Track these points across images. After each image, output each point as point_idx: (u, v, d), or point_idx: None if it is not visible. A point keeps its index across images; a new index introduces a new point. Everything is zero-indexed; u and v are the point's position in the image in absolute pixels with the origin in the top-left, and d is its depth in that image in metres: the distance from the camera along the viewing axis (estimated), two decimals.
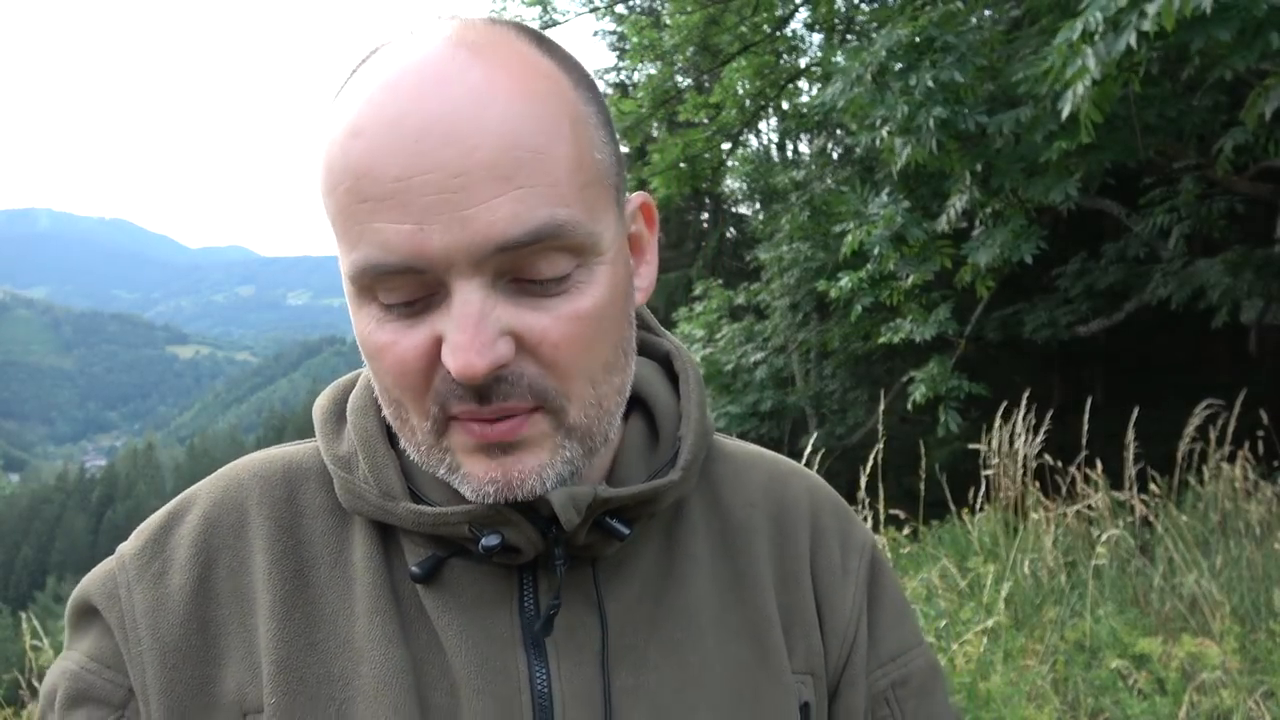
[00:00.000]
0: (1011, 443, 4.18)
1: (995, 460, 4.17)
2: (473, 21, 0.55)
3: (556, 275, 0.52)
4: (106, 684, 0.59)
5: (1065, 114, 3.71)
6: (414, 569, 0.59)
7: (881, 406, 4.66)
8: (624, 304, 0.57)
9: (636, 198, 0.62)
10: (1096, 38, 3.39)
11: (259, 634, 0.59)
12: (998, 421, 4.26)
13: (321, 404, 0.66)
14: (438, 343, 0.52)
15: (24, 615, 3.39)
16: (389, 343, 0.53)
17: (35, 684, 3.21)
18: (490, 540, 0.56)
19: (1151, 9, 3.04)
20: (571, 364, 0.53)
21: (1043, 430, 4.18)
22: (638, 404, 0.66)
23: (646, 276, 0.63)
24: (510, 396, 0.52)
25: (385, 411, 0.58)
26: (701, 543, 0.65)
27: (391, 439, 0.62)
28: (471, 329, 0.50)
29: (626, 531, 0.58)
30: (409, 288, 0.52)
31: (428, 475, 0.59)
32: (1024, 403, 4.20)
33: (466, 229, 0.49)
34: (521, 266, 0.51)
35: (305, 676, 0.58)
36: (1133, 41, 3.18)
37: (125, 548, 0.64)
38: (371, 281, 0.53)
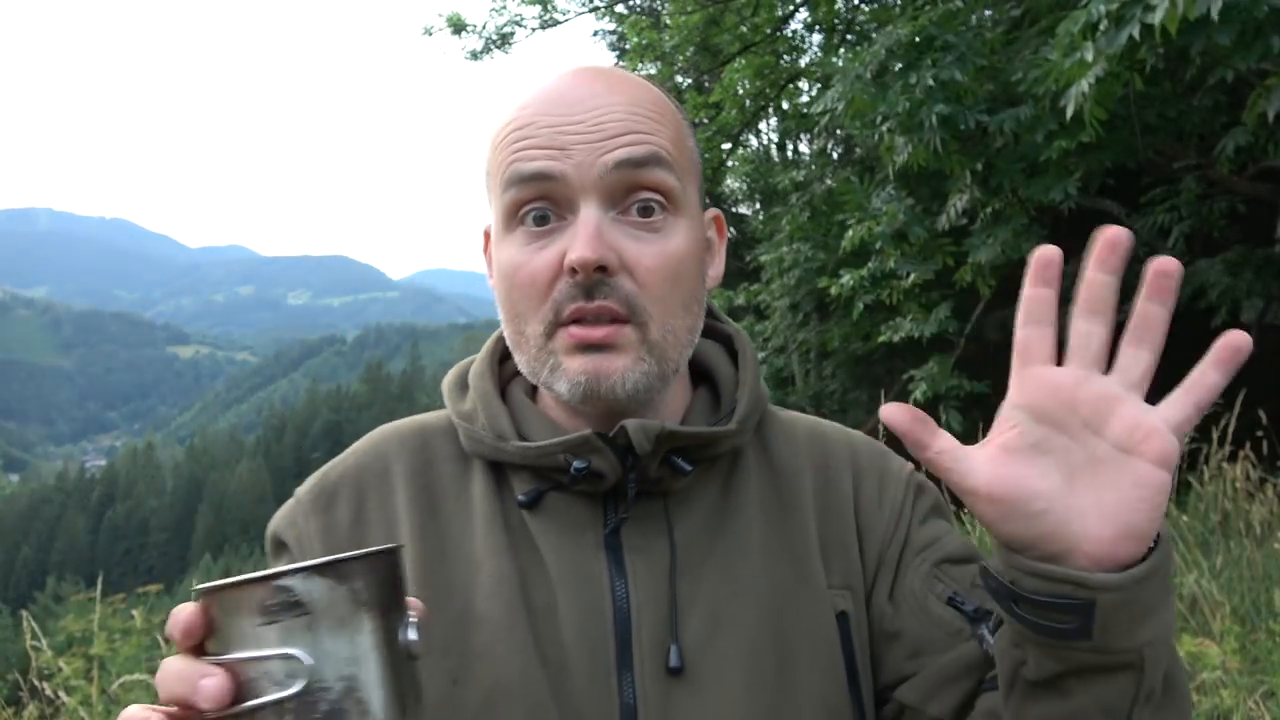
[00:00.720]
0: None
1: None
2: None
3: (652, 207, 0.71)
4: None
5: (1070, 113, 3.71)
6: (521, 497, 0.75)
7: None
8: (698, 266, 0.76)
9: (712, 211, 0.82)
10: (1099, 32, 3.38)
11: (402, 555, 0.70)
12: (989, 422, 4.26)
13: (448, 378, 0.85)
14: (561, 259, 0.70)
15: (23, 616, 3.39)
16: (524, 261, 0.72)
17: (35, 684, 3.21)
18: (580, 464, 0.72)
19: (1159, 7, 3.03)
20: (657, 288, 0.71)
21: None
22: (704, 378, 0.84)
23: (716, 268, 0.82)
24: (609, 298, 0.69)
25: (506, 334, 0.78)
26: (754, 486, 0.79)
27: (503, 397, 0.81)
28: (588, 233, 0.68)
29: (689, 468, 0.73)
30: (546, 206, 0.71)
31: (531, 421, 0.78)
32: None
33: (595, 156, 0.69)
34: (629, 198, 0.71)
35: (438, 580, 0.73)
36: (1136, 34, 3.18)
37: (300, 490, 0.83)
38: (517, 198, 0.71)
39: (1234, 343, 0.59)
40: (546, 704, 0.68)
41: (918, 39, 4.99)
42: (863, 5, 8.76)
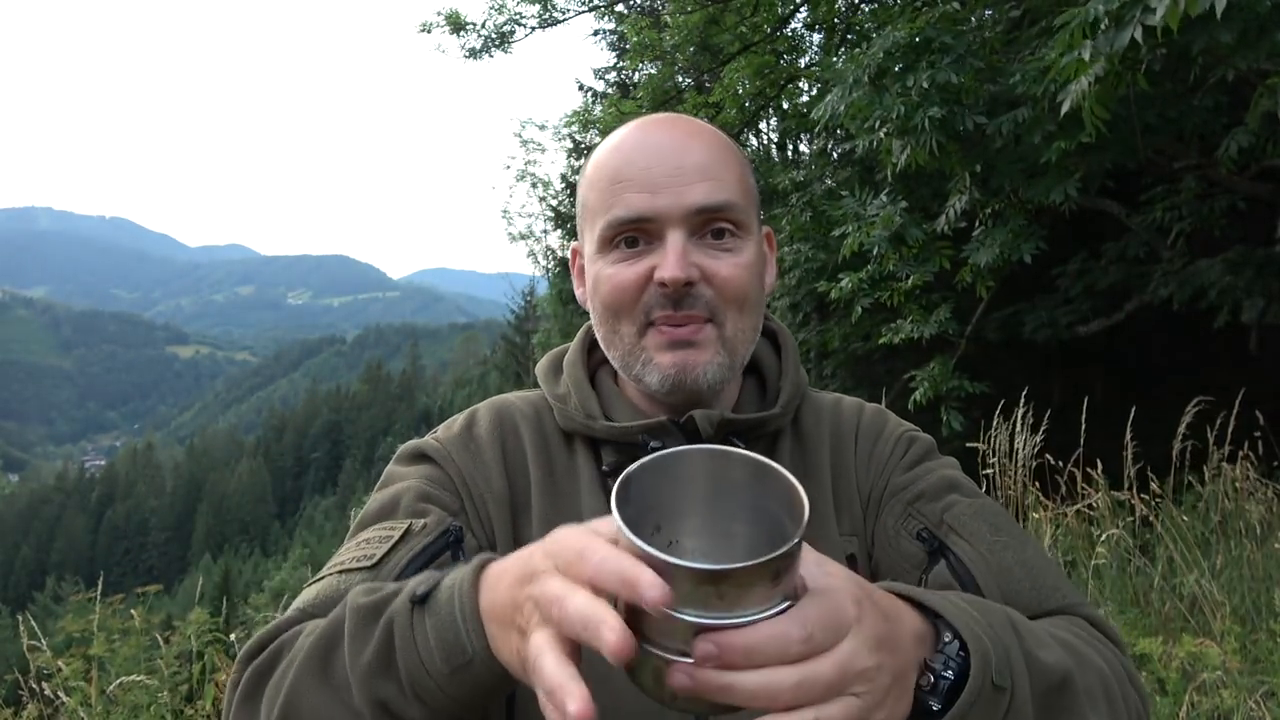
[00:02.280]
0: (1011, 442, 4.17)
1: (993, 460, 4.16)
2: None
3: (724, 231, 0.88)
4: (447, 495, 0.91)
5: (1065, 109, 3.70)
6: (605, 467, 0.93)
7: (883, 405, 4.66)
8: (761, 275, 0.93)
9: (766, 228, 0.99)
10: (1100, 30, 3.37)
11: (532, 496, 0.92)
12: (995, 421, 4.25)
13: (542, 364, 1.03)
14: (650, 274, 0.87)
15: (22, 617, 3.38)
16: (617, 273, 0.88)
17: (34, 685, 3.21)
18: (656, 444, 0.88)
19: (1159, 8, 3.03)
20: (732, 294, 0.88)
21: (1041, 430, 4.17)
22: (753, 368, 1.01)
23: (771, 276, 0.99)
24: (693, 307, 0.87)
25: (599, 333, 0.94)
26: (787, 454, 0.96)
27: (592, 382, 0.98)
28: (676, 255, 0.85)
29: (744, 446, 0.85)
30: (637, 233, 0.87)
31: (616, 404, 0.96)
32: (1022, 402, 4.19)
33: (681, 198, 0.86)
34: (707, 228, 0.88)
35: (556, 525, 0.77)
36: (1138, 35, 3.17)
37: (440, 435, 0.97)
38: (616, 231, 0.88)
39: None
40: None
41: (917, 39, 4.98)
42: (863, 5, 8.75)
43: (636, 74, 13.58)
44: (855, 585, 0.57)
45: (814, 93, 8.93)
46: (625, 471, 0.58)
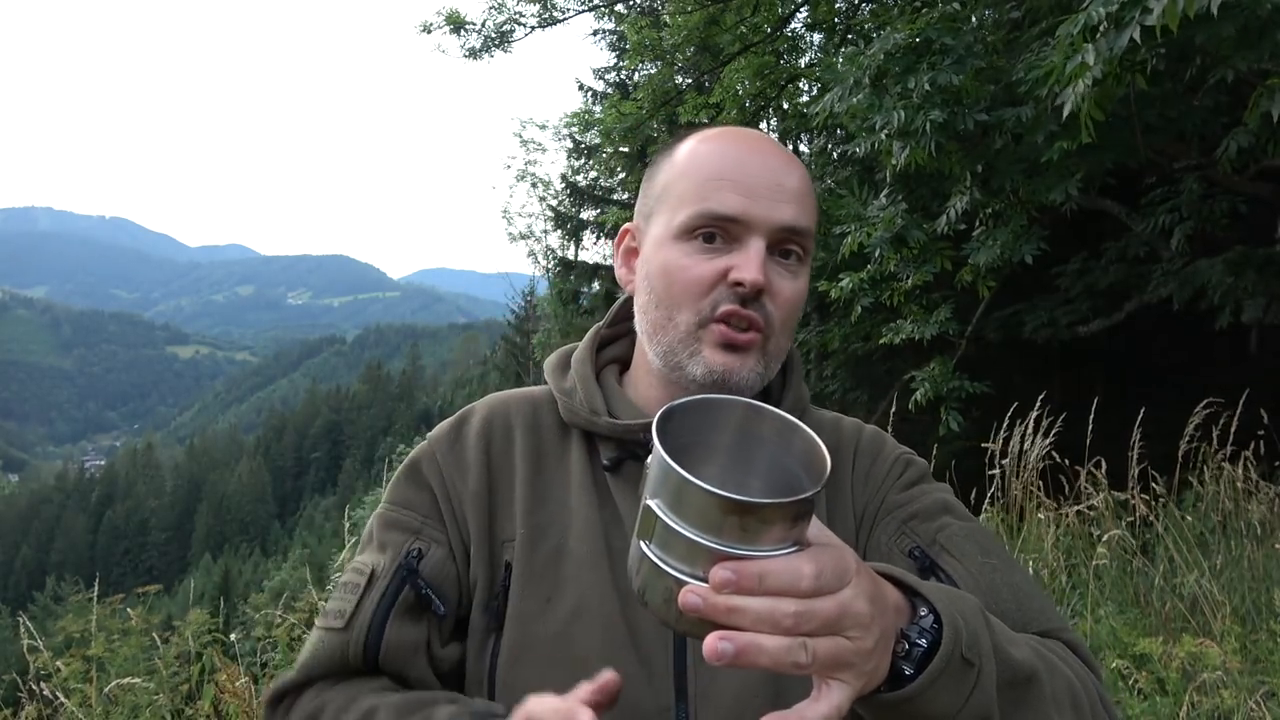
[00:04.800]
0: (1022, 444, 4.17)
1: (1002, 460, 4.16)
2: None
3: (794, 253, 0.93)
4: (411, 512, 0.96)
5: (1066, 113, 3.70)
6: (605, 462, 0.96)
7: (892, 408, 4.65)
8: (804, 302, 0.98)
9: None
10: (1099, 34, 3.37)
11: (515, 492, 0.96)
12: (1005, 422, 4.25)
13: (550, 360, 1.06)
14: (724, 273, 0.90)
15: (21, 618, 3.38)
16: (691, 265, 0.91)
17: (34, 687, 3.20)
18: None
19: (1156, 8, 3.02)
20: (784, 315, 0.93)
21: (1053, 432, 4.17)
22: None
23: None
24: (757, 312, 0.90)
25: (646, 320, 0.96)
26: None
27: (597, 380, 1.02)
28: (757, 261, 0.89)
29: None
30: (720, 231, 0.91)
31: (619, 402, 0.99)
32: (1038, 404, 4.20)
33: (773, 212, 0.91)
34: (781, 246, 0.92)
35: (540, 519, 0.94)
36: (1137, 36, 3.16)
37: (432, 434, 1.02)
38: (703, 222, 0.91)
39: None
40: (617, 622, 0.88)
41: (917, 40, 4.97)
42: (863, 5, 8.75)
43: (636, 74, 13.59)
44: (852, 549, 0.62)
45: (814, 93, 8.92)
46: (667, 406, 0.64)
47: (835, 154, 8.90)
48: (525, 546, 0.92)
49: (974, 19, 5.85)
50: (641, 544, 0.59)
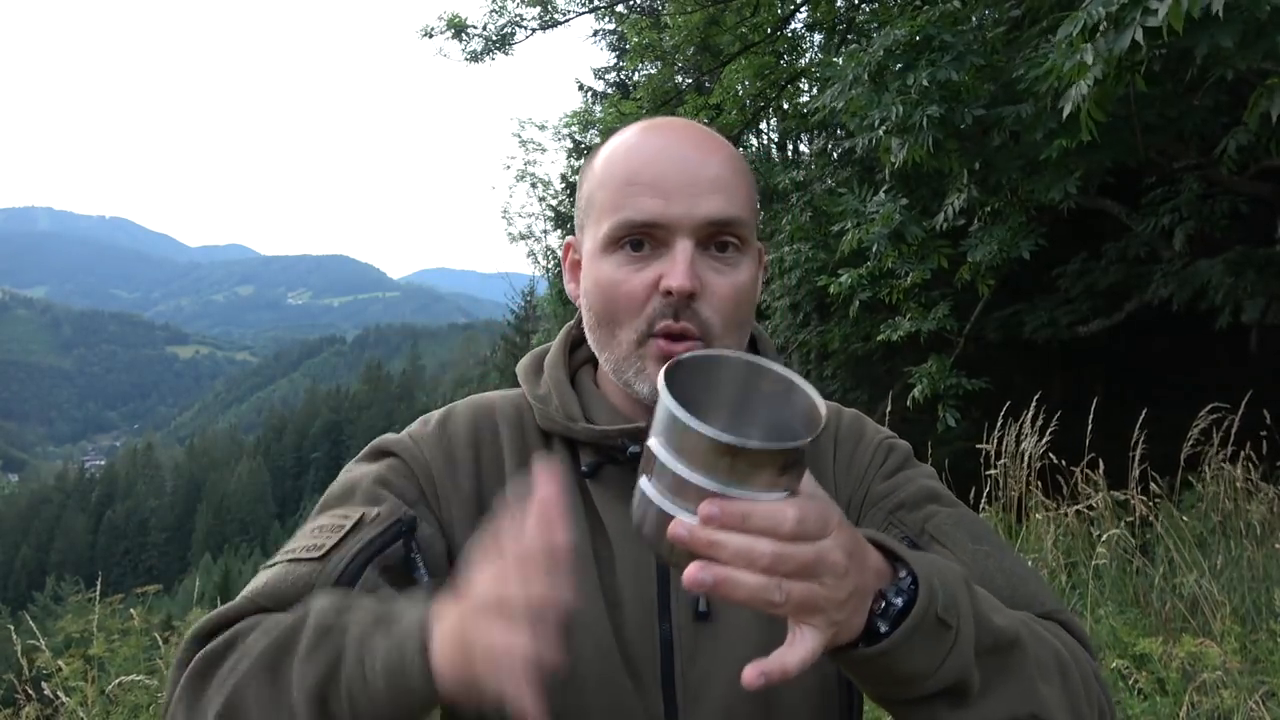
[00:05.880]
0: (1018, 443, 4.17)
1: (999, 461, 4.16)
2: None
3: (729, 245, 0.88)
4: (406, 484, 0.91)
5: (1066, 113, 3.70)
6: (584, 468, 0.93)
7: (888, 408, 4.66)
8: (753, 292, 0.93)
9: (760, 243, 0.98)
10: (1099, 34, 3.37)
11: (506, 494, 0.92)
12: (1000, 421, 4.25)
13: (523, 364, 1.02)
14: (656, 281, 0.86)
15: (21, 617, 3.38)
16: (624, 279, 0.87)
17: (30, 691, 3.20)
18: (634, 448, 0.90)
19: (1160, 9, 3.02)
20: (725, 313, 0.88)
21: (1049, 431, 4.17)
22: None
23: (758, 290, 0.98)
24: (691, 320, 0.86)
25: (592, 337, 0.93)
26: None
27: (572, 383, 0.99)
28: (684, 264, 0.85)
29: None
30: (645, 238, 0.87)
31: (596, 406, 0.96)
32: (1034, 404, 4.20)
33: (694, 208, 0.86)
34: (713, 240, 0.88)
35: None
36: (1139, 38, 3.16)
37: (414, 431, 0.98)
38: (624, 232, 0.87)
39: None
40: (606, 635, 0.86)
41: (917, 38, 4.97)
42: (863, 5, 8.75)
43: (636, 74, 13.58)
44: (838, 506, 0.65)
45: (814, 92, 8.92)
46: (673, 359, 0.68)
47: (835, 154, 8.90)
48: None
49: (974, 19, 5.85)
50: (642, 478, 0.64)
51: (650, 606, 0.88)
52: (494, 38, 10.23)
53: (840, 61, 5.91)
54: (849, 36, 8.49)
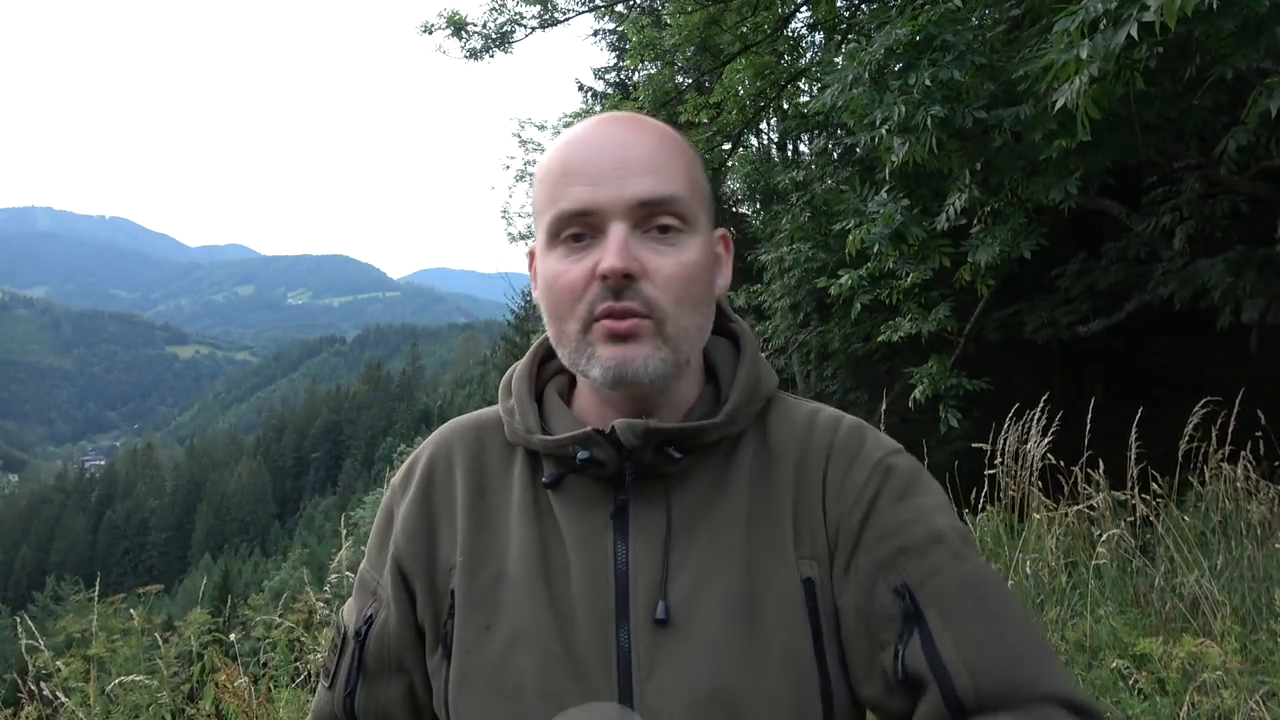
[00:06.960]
0: (1022, 443, 4.17)
1: (1000, 461, 4.16)
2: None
3: (669, 226, 0.86)
4: (378, 569, 0.99)
5: (1058, 106, 3.69)
6: (544, 480, 0.92)
7: (883, 406, 4.66)
8: (708, 275, 0.91)
9: (719, 230, 0.96)
10: (1098, 31, 3.37)
11: (457, 519, 0.94)
12: (1007, 423, 4.25)
13: (503, 380, 1.02)
14: (594, 268, 0.85)
15: (21, 617, 3.38)
16: (564, 270, 0.87)
17: (33, 688, 3.20)
18: (584, 454, 0.88)
19: (1154, 4, 3.02)
20: (672, 292, 0.86)
21: (1050, 432, 4.17)
22: (713, 376, 0.98)
23: (724, 278, 0.96)
24: (634, 300, 0.84)
25: (551, 336, 0.92)
26: (746, 468, 0.92)
27: (537, 399, 0.99)
28: (617, 246, 0.84)
29: (678, 456, 0.88)
30: (582, 228, 0.86)
31: (556, 418, 0.95)
32: (1039, 406, 4.19)
33: (623, 191, 0.85)
34: (650, 220, 0.86)
35: (480, 544, 0.93)
36: (1134, 33, 3.16)
37: (393, 480, 1.03)
38: (561, 225, 0.87)
39: None
40: (554, 647, 0.85)
41: (917, 38, 4.97)
42: (863, 5, 8.75)
43: (636, 74, 13.57)
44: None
45: (814, 93, 8.92)
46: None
47: (835, 153, 8.90)
48: (465, 574, 0.91)
49: (974, 18, 5.85)
50: None
51: (607, 615, 0.86)
52: (493, 35, 10.23)
53: (840, 61, 5.91)
54: (849, 36, 8.49)
